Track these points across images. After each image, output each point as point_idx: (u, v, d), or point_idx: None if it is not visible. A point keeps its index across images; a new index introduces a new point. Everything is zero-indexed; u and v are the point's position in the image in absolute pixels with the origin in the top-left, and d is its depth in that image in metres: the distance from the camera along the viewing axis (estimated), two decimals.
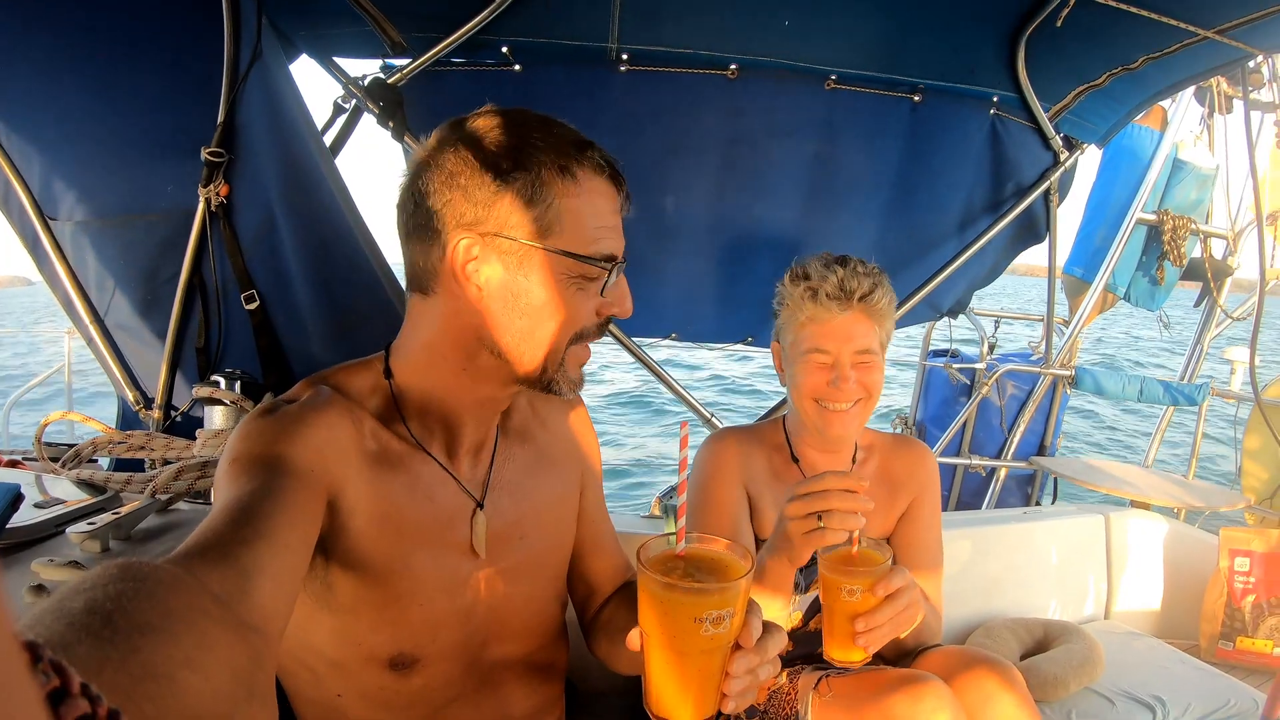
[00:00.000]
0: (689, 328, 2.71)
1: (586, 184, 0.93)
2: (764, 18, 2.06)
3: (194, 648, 0.50)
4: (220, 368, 1.90)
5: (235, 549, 0.65)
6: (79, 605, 0.46)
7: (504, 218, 0.90)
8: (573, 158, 0.92)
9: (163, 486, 1.54)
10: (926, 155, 2.46)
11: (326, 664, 0.97)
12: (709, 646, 0.77)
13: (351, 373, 1.02)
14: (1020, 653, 2.06)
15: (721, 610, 0.75)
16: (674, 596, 0.76)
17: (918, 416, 4.47)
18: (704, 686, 0.79)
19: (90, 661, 0.42)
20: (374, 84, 2.06)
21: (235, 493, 0.75)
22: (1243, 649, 2.25)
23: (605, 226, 0.95)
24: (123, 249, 1.93)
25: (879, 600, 1.06)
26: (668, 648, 0.78)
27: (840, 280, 1.36)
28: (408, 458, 0.98)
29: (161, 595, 0.51)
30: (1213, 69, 2.37)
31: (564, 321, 0.95)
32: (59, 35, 1.72)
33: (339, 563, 0.91)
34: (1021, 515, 2.41)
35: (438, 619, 0.99)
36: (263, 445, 0.83)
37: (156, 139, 1.82)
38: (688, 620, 0.75)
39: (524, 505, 1.11)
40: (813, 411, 1.41)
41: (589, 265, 0.93)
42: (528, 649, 1.13)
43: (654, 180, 2.36)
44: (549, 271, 0.92)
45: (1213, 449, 7.99)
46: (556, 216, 0.91)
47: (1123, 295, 3.57)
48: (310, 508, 0.81)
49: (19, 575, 1.20)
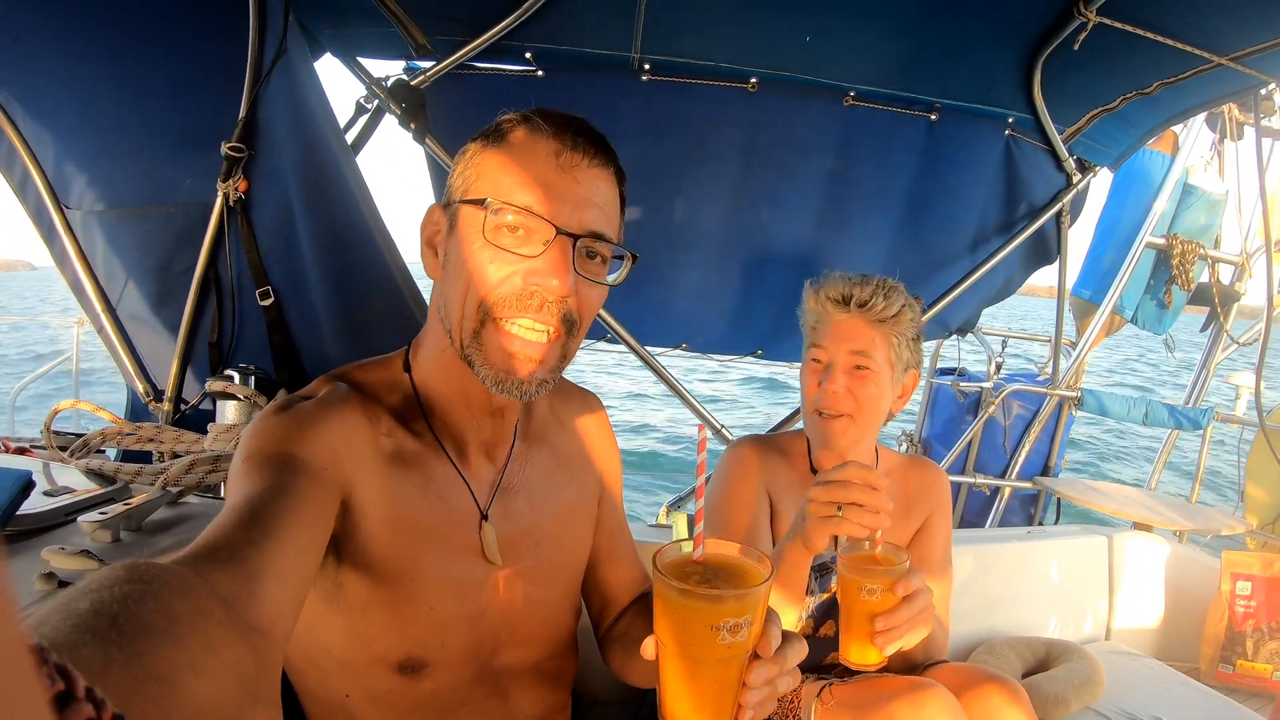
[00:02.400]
0: (699, 338, 2.71)
1: (517, 141, 0.90)
2: (785, 33, 2.08)
3: (198, 651, 0.49)
4: (233, 363, 1.90)
5: (244, 550, 0.64)
6: (85, 606, 0.46)
7: (452, 182, 0.95)
8: (510, 122, 0.92)
9: (174, 479, 1.54)
10: (941, 174, 2.48)
11: (335, 663, 0.96)
12: (726, 655, 0.74)
13: (371, 370, 1.01)
14: (1022, 671, 2.06)
15: (739, 618, 0.73)
16: (690, 603, 0.73)
17: (923, 434, 4.46)
18: (720, 697, 0.76)
19: (95, 664, 0.42)
20: (397, 85, 2.07)
21: (247, 491, 0.74)
22: (1243, 672, 2.25)
23: (531, 181, 0.88)
24: (138, 240, 1.93)
25: (898, 600, 1.06)
26: (683, 656, 0.75)
27: (845, 286, 1.40)
28: (422, 458, 0.97)
29: (166, 598, 0.51)
30: (1226, 95, 2.39)
31: (475, 281, 0.89)
32: (82, 25, 1.72)
33: (350, 563, 0.90)
34: (1025, 535, 2.41)
35: (447, 623, 0.98)
36: (276, 443, 0.82)
37: (177, 131, 1.83)
38: (704, 628, 0.73)
39: (539, 510, 1.09)
40: (813, 422, 1.43)
41: (495, 210, 0.87)
42: (538, 656, 1.11)
43: (671, 189, 2.37)
44: (469, 228, 0.90)
45: (1216, 473, 7.99)
46: (479, 172, 0.91)
47: (1130, 318, 3.58)
48: (323, 507, 0.80)
49: (29, 562, 1.19)
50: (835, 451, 1.45)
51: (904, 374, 1.45)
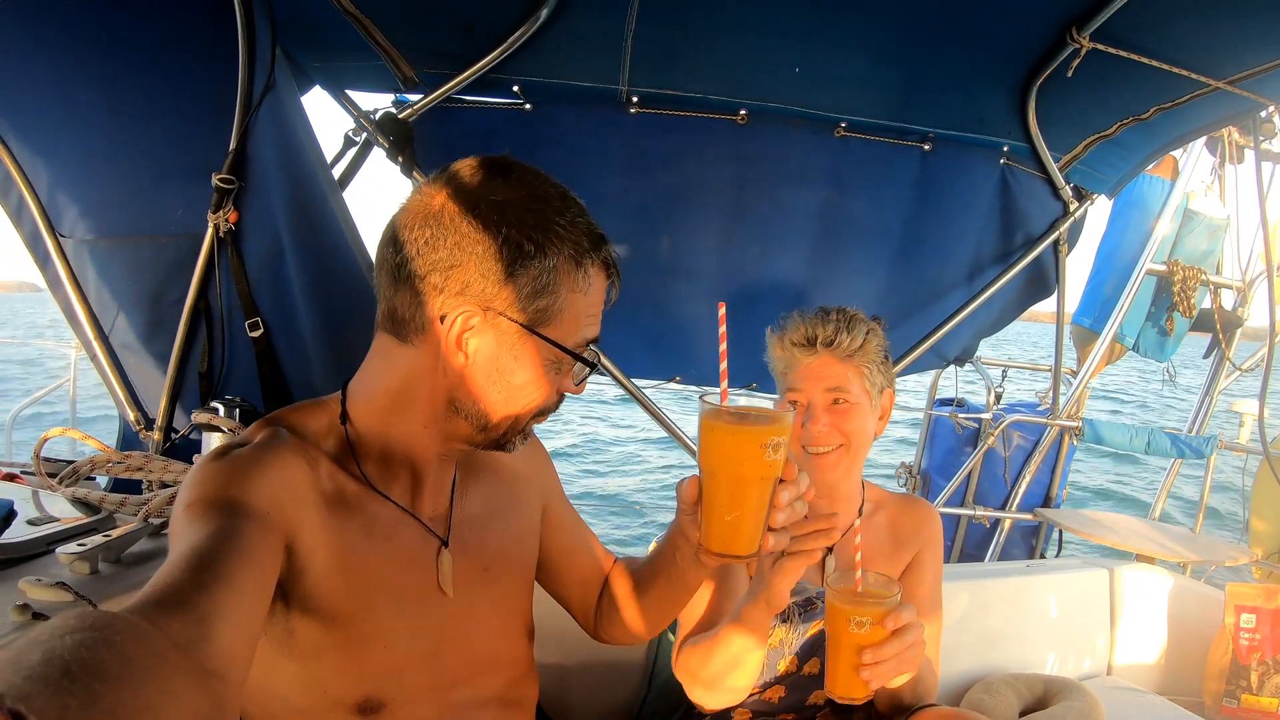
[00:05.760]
0: (693, 370, 2.69)
1: (596, 285, 0.97)
2: (774, 64, 2.08)
3: (155, 695, 0.49)
4: (223, 393, 1.90)
5: (194, 595, 0.64)
6: (36, 657, 0.45)
7: (511, 300, 0.90)
8: (588, 254, 0.94)
9: (156, 510, 1.54)
10: (935, 204, 2.47)
11: (292, 712, 0.94)
12: (768, 473, 0.90)
13: (307, 412, 1.00)
14: (1019, 709, 2.02)
15: (780, 438, 0.89)
16: (744, 427, 0.89)
17: (922, 466, 4.41)
18: (759, 515, 0.92)
19: (49, 711, 0.42)
20: (385, 118, 2.08)
21: (192, 538, 0.73)
22: (1248, 706, 2.21)
23: (593, 317, 0.98)
24: (130, 269, 1.94)
25: (888, 634, 1.06)
26: (733, 479, 0.90)
27: (808, 328, 1.41)
28: (365, 499, 0.97)
29: (120, 643, 0.50)
30: (1224, 119, 2.38)
31: (539, 401, 0.99)
32: (76, 56, 1.74)
33: (299, 607, 0.90)
34: (1024, 568, 2.38)
35: (403, 661, 0.97)
36: (217, 489, 0.82)
37: (168, 162, 1.84)
38: (755, 446, 0.88)
39: (486, 538, 1.10)
40: (802, 460, 1.41)
41: (572, 357, 0.97)
42: (498, 686, 1.11)
43: (660, 222, 2.37)
44: (536, 356, 0.95)
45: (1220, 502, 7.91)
46: (559, 309, 0.93)
47: (1131, 346, 3.55)
48: (268, 551, 0.80)
49: (5, 593, 1.19)
50: (827, 485, 1.44)
51: (880, 396, 1.45)
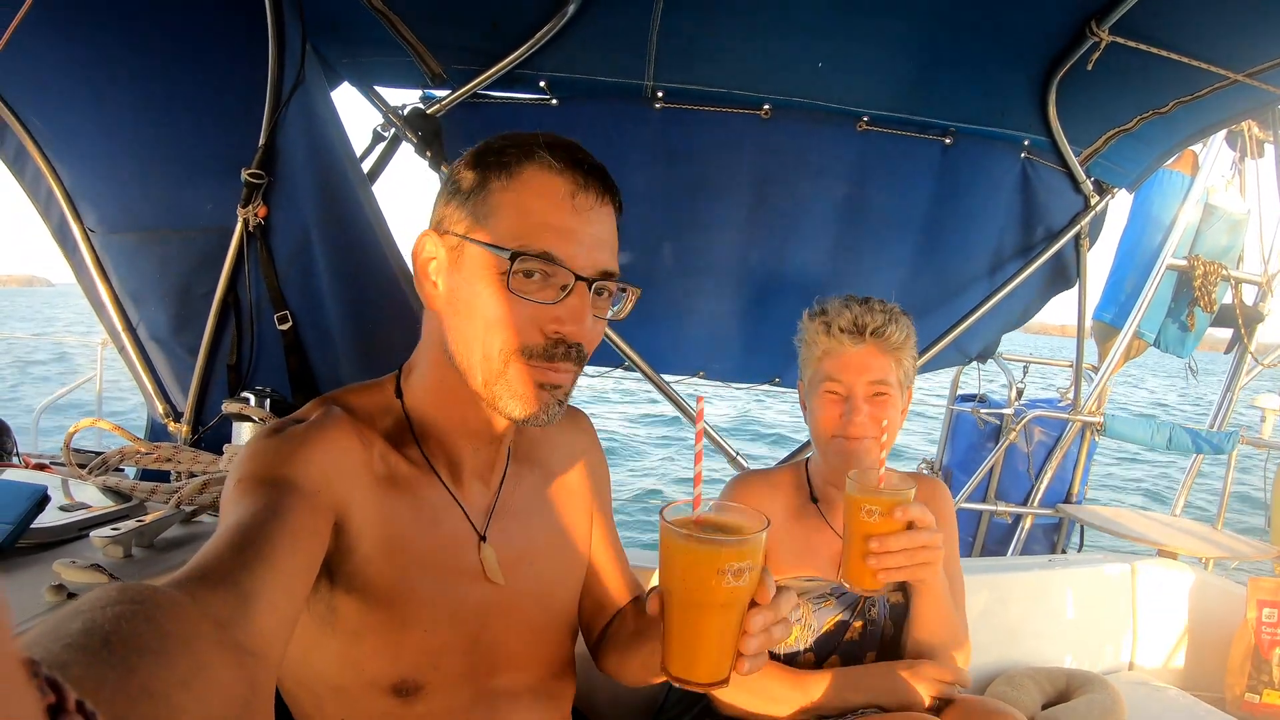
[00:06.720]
0: (716, 366, 2.70)
1: (528, 179, 0.89)
2: (797, 59, 2.09)
3: (190, 670, 0.49)
4: (251, 385, 1.93)
5: (236, 573, 0.64)
6: (77, 627, 0.46)
7: (452, 212, 0.92)
8: (516, 153, 0.90)
9: (188, 498, 1.56)
10: (957, 198, 2.46)
11: (329, 689, 0.95)
12: (729, 600, 0.80)
13: (363, 393, 1.01)
14: (1042, 702, 2.02)
15: (741, 563, 0.79)
16: (699, 548, 0.79)
17: (944, 461, 4.39)
18: (722, 643, 0.82)
19: (87, 681, 0.42)
20: (413, 113, 2.11)
21: (240, 514, 0.74)
22: (1269, 702, 2.20)
23: (548, 225, 0.88)
24: (160, 263, 1.97)
25: (898, 526, 1.11)
26: (689, 603, 0.81)
27: (854, 315, 1.38)
28: (415, 481, 0.97)
29: (159, 618, 0.51)
30: (1244, 112, 2.37)
31: (495, 327, 0.90)
32: (108, 50, 1.76)
33: (344, 586, 0.90)
34: (1046, 563, 2.37)
35: (442, 645, 0.97)
36: (269, 466, 0.82)
37: (198, 157, 1.86)
38: (711, 571, 0.78)
39: (534, 531, 1.09)
40: (832, 447, 1.40)
41: (516, 260, 0.87)
42: (536, 678, 1.10)
43: (685, 217, 2.38)
44: (483, 269, 0.89)
45: (1242, 498, 7.85)
46: (489, 209, 0.89)
47: (1152, 342, 3.53)
48: (315, 530, 0.80)
49: (40, 574, 1.21)
50: (864, 468, 1.43)
51: (906, 389, 1.45)
